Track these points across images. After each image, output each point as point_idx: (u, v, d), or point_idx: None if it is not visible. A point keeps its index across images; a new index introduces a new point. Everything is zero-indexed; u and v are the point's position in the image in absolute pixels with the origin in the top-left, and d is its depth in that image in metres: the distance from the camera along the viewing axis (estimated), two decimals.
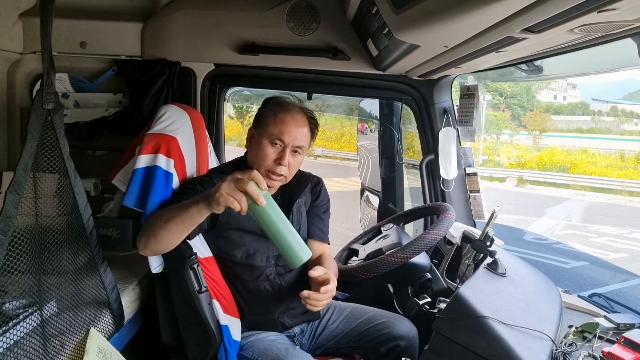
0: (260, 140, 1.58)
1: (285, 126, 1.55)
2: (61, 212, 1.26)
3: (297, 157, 1.60)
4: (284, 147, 1.56)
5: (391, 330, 1.70)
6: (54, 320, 1.21)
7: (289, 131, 1.55)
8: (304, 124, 1.60)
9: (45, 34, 1.13)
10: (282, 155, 1.55)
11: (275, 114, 1.58)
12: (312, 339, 1.75)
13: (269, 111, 1.60)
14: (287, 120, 1.56)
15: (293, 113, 1.59)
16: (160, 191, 1.60)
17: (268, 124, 1.57)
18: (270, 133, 1.56)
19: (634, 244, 9.30)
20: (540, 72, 1.82)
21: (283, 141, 1.55)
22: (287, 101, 1.64)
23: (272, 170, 1.56)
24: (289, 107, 1.61)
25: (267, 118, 1.59)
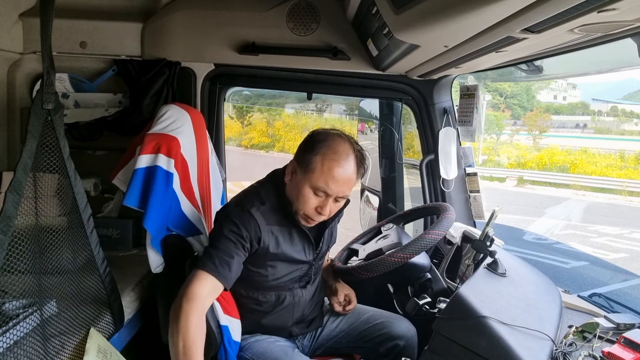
0: (302, 184, 1.46)
1: (332, 178, 1.43)
2: (61, 212, 1.26)
3: (339, 202, 1.51)
4: (327, 197, 1.45)
5: (390, 330, 1.71)
6: (54, 320, 1.21)
7: (335, 182, 1.43)
8: (352, 170, 1.46)
9: (45, 34, 1.13)
10: (324, 205, 1.46)
11: (323, 160, 1.43)
12: (313, 340, 1.76)
13: (316, 155, 1.44)
14: (334, 171, 1.43)
15: (342, 160, 1.44)
16: (161, 191, 1.60)
17: (314, 171, 1.43)
18: (315, 184, 1.43)
19: (634, 244, 9.29)
20: (540, 72, 1.82)
21: (327, 193, 1.45)
22: (335, 141, 1.47)
23: (311, 217, 1.49)
24: (337, 151, 1.45)
25: (313, 163, 1.44)
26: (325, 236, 1.64)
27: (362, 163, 1.51)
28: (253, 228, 1.46)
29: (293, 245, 1.55)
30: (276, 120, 20.10)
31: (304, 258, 1.57)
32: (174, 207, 1.67)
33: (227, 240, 1.44)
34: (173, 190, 1.65)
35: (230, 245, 1.43)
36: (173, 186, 1.64)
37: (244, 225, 1.45)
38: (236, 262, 1.43)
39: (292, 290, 1.61)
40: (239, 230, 1.45)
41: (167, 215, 1.64)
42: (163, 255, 1.62)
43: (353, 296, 1.78)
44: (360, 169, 1.50)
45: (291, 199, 1.51)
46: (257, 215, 1.47)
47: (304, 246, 1.58)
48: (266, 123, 20.06)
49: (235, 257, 1.43)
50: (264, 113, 19.63)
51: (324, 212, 1.46)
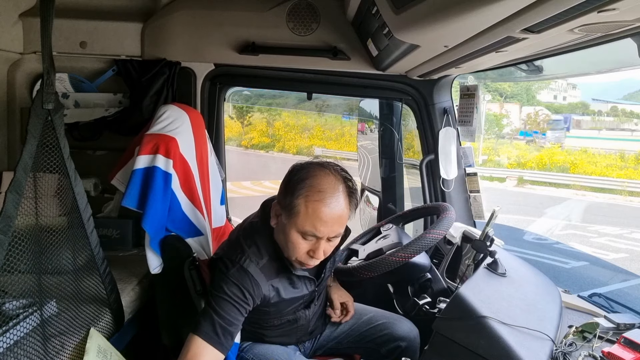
0: (289, 230, 1.34)
1: (319, 221, 1.30)
2: (61, 212, 1.26)
3: (334, 241, 1.39)
4: (318, 239, 1.34)
5: (392, 331, 1.70)
6: (54, 320, 1.21)
7: (324, 224, 1.31)
8: (341, 207, 1.33)
9: (45, 34, 1.13)
10: (316, 248, 1.35)
11: (307, 203, 1.30)
12: (314, 340, 1.75)
13: (297, 198, 1.31)
14: (321, 213, 1.30)
15: (329, 199, 1.30)
16: (160, 192, 1.60)
17: (298, 214, 1.31)
18: (301, 228, 1.32)
19: (634, 244, 9.29)
20: (540, 72, 1.82)
21: (317, 236, 1.33)
22: (317, 176, 1.34)
23: (304, 262, 1.39)
24: (323, 189, 1.31)
25: (296, 206, 1.31)
26: (327, 267, 1.59)
27: (352, 195, 1.37)
28: (254, 288, 1.39)
29: (294, 289, 1.51)
30: (276, 120, 20.10)
31: (305, 292, 1.54)
32: (173, 208, 1.67)
33: (230, 305, 1.35)
34: (172, 191, 1.65)
35: (232, 310, 1.35)
36: (172, 187, 1.64)
37: (246, 288, 1.37)
38: (238, 328, 1.38)
39: (296, 313, 1.58)
40: (241, 294, 1.36)
41: (166, 216, 1.64)
42: (162, 255, 1.62)
43: (350, 303, 1.76)
44: (351, 202, 1.37)
45: (280, 245, 1.41)
46: (255, 274, 1.39)
47: (305, 284, 1.54)
48: (266, 123, 20.07)
49: (237, 323, 1.37)
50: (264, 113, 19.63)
51: (317, 255, 1.36)
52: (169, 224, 1.65)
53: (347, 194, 1.36)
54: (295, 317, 1.58)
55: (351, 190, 1.38)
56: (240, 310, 1.37)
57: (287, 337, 1.62)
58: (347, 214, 1.36)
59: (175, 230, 1.67)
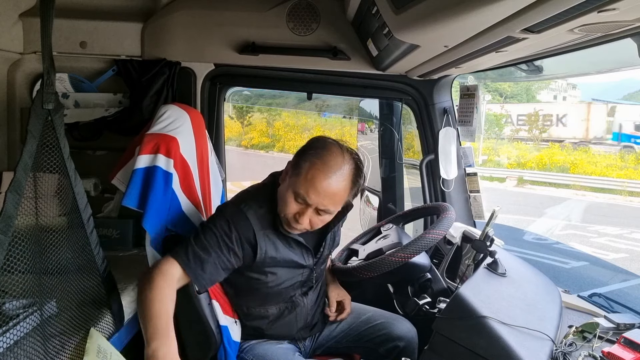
0: (287, 187, 1.42)
1: (312, 187, 1.36)
2: (61, 212, 1.26)
3: (323, 217, 1.43)
4: (307, 206, 1.39)
5: (390, 330, 1.70)
6: (54, 320, 1.20)
7: (316, 192, 1.36)
8: (337, 185, 1.38)
9: (45, 34, 1.13)
10: (302, 213, 1.40)
11: (309, 167, 1.37)
12: (313, 340, 1.76)
13: (304, 161, 1.39)
14: (316, 180, 1.36)
15: (329, 171, 1.37)
16: (160, 191, 1.60)
17: (298, 175, 1.39)
18: (296, 188, 1.38)
19: (634, 244, 9.29)
20: (540, 72, 1.82)
21: (306, 202, 1.38)
22: (328, 150, 1.40)
23: (289, 223, 1.44)
24: (327, 161, 1.38)
25: (300, 168, 1.39)
26: (327, 241, 1.61)
27: (356, 180, 1.42)
28: (246, 231, 1.43)
29: (291, 252, 1.52)
30: (276, 120, 20.10)
31: (303, 262, 1.55)
32: (173, 207, 1.67)
33: (212, 235, 1.40)
34: (173, 190, 1.65)
35: (212, 241, 1.39)
36: (172, 186, 1.64)
37: (236, 226, 1.42)
38: (212, 261, 1.39)
39: (294, 299, 1.59)
40: (229, 230, 1.41)
41: (166, 216, 1.64)
42: (162, 255, 1.61)
43: (347, 302, 1.77)
44: (352, 187, 1.42)
45: (278, 199, 1.46)
46: (252, 218, 1.43)
47: (302, 253, 1.55)
48: (266, 123, 20.07)
49: (213, 255, 1.39)
50: (264, 113, 19.63)
51: (302, 221, 1.40)
52: (170, 223, 1.65)
53: (350, 179, 1.41)
54: (293, 304, 1.59)
55: (355, 177, 1.42)
56: (220, 245, 1.39)
57: (286, 328, 1.62)
58: (342, 195, 1.41)
59: (175, 229, 1.67)
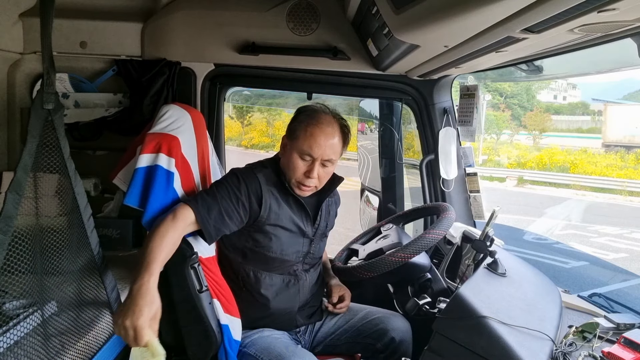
0: (291, 152, 1.59)
1: (314, 141, 1.55)
2: (61, 212, 1.26)
3: (328, 168, 1.62)
4: (313, 160, 1.57)
5: (385, 324, 1.74)
6: (54, 320, 1.21)
7: (318, 145, 1.55)
8: (333, 136, 1.59)
9: (45, 34, 1.13)
10: (311, 169, 1.57)
11: (306, 127, 1.58)
12: (312, 336, 1.77)
13: (299, 123, 1.60)
14: (316, 135, 1.56)
15: (323, 125, 1.58)
16: (162, 190, 1.60)
17: (298, 137, 1.58)
18: (300, 147, 1.57)
19: (634, 244, 9.29)
20: (540, 72, 1.82)
21: (312, 156, 1.56)
22: (318, 112, 1.62)
23: (301, 182, 1.60)
24: (319, 119, 1.59)
25: (297, 131, 1.59)
26: (322, 209, 1.72)
27: (345, 134, 1.63)
28: (254, 184, 1.58)
29: (292, 214, 1.64)
30: (276, 120, 20.11)
31: (302, 226, 1.66)
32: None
33: (222, 186, 1.56)
34: (174, 190, 1.65)
35: (222, 191, 1.54)
36: (174, 185, 1.64)
37: (245, 179, 1.58)
38: (218, 208, 1.52)
39: (297, 273, 1.68)
40: (238, 182, 1.57)
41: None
42: None
43: (347, 295, 1.83)
44: (344, 139, 1.62)
45: (284, 169, 1.62)
46: (260, 176, 1.60)
47: (302, 217, 1.66)
48: (266, 123, 20.08)
49: (220, 201, 1.53)
50: (264, 113, 19.64)
51: (312, 175, 1.57)
52: None
53: (341, 131, 1.62)
54: (296, 276, 1.68)
55: (344, 131, 1.63)
56: (229, 192, 1.55)
57: (289, 302, 1.67)
58: (339, 145, 1.61)
59: None
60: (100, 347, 1.40)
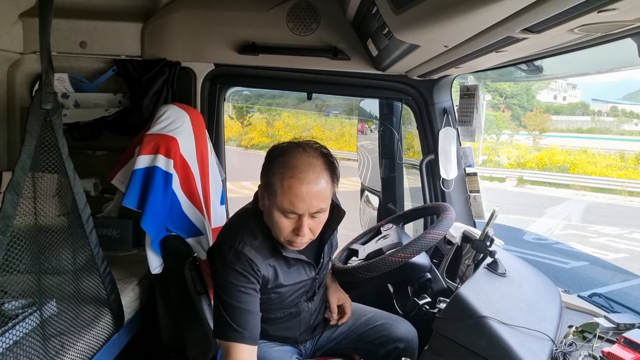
0: (271, 209, 1.36)
1: (295, 196, 1.30)
2: (60, 212, 1.26)
3: (319, 217, 1.38)
4: (300, 216, 1.34)
5: (390, 332, 1.70)
6: (54, 320, 1.21)
7: (301, 200, 1.30)
8: (317, 182, 1.32)
9: (44, 34, 1.13)
10: (299, 226, 1.35)
11: (281, 180, 1.32)
12: (314, 342, 1.75)
13: (273, 175, 1.34)
14: (295, 187, 1.30)
15: (302, 173, 1.31)
16: (160, 192, 1.60)
17: (276, 193, 1.32)
18: (280, 205, 1.32)
19: (634, 244, 9.29)
20: (540, 72, 1.82)
21: (296, 212, 1.33)
22: (292, 152, 1.35)
23: (292, 240, 1.39)
24: (296, 164, 1.32)
25: (274, 185, 1.33)
26: (325, 251, 1.60)
27: (332, 170, 1.37)
28: (254, 269, 1.40)
29: (292, 271, 1.50)
30: (276, 120, 20.11)
31: (305, 278, 1.54)
32: (173, 208, 1.67)
33: (240, 294, 1.37)
34: (173, 191, 1.65)
35: (244, 298, 1.37)
36: (172, 186, 1.64)
37: (248, 271, 1.38)
38: (255, 312, 1.39)
39: (299, 305, 1.58)
40: (247, 279, 1.38)
41: (166, 216, 1.64)
42: (162, 255, 1.62)
43: (347, 305, 1.75)
44: (332, 176, 1.37)
45: (269, 226, 1.41)
46: (252, 254, 1.40)
47: (303, 268, 1.53)
48: (266, 123, 20.09)
49: (254, 308, 1.38)
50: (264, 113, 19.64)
51: (302, 233, 1.35)
52: (170, 223, 1.66)
53: (325, 168, 1.35)
54: (298, 309, 1.57)
55: (330, 165, 1.37)
56: (252, 295, 1.38)
57: (289, 331, 1.61)
58: (326, 189, 1.35)
59: (175, 230, 1.67)
60: (100, 347, 1.40)
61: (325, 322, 1.74)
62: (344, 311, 1.74)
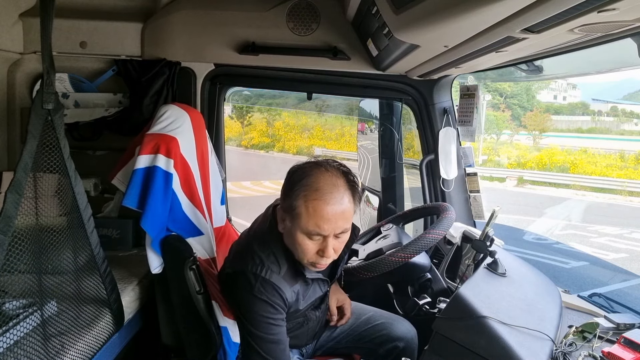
0: (294, 232, 1.33)
1: (320, 218, 1.29)
2: (61, 212, 1.26)
3: (343, 237, 1.37)
4: (325, 238, 1.32)
5: (390, 331, 1.70)
6: (54, 320, 1.21)
7: (326, 221, 1.29)
8: (342, 202, 1.30)
9: (45, 34, 1.13)
10: (324, 247, 1.33)
11: (306, 202, 1.29)
12: (315, 342, 1.75)
13: (297, 198, 1.31)
14: (320, 209, 1.28)
15: (327, 195, 1.29)
16: (160, 192, 1.60)
17: (300, 216, 1.30)
18: (305, 228, 1.30)
19: (634, 244, 9.29)
20: (540, 72, 1.82)
21: (322, 234, 1.31)
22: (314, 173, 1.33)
23: (316, 262, 1.37)
24: (319, 185, 1.30)
25: (297, 207, 1.30)
26: (339, 270, 1.61)
27: (354, 188, 1.36)
28: (283, 298, 1.40)
29: (309, 291, 1.51)
30: (276, 120, 20.11)
31: (320, 294, 1.57)
32: (174, 208, 1.67)
33: (271, 326, 1.38)
34: (173, 191, 1.65)
35: (275, 330, 1.39)
36: (173, 186, 1.64)
37: (276, 302, 1.38)
38: (286, 342, 1.41)
39: (307, 314, 1.58)
40: (275, 310, 1.38)
41: (167, 216, 1.64)
42: (162, 255, 1.62)
43: (347, 305, 1.76)
44: (354, 195, 1.35)
45: (291, 248, 1.40)
46: (279, 283, 1.39)
47: (319, 286, 1.55)
48: (266, 123, 20.08)
49: (284, 337, 1.41)
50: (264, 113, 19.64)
51: (327, 254, 1.34)
52: (170, 223, 1.66)
53: (348, 188, 1.34)
54: (306, 318, 1.58)
55: (352, 184, 1.36)
56: (282, 326, 1.40)
57: (297, 340, 1.61)
58: (350, 208, 1.34)
59: (176, 230, 1.67)
60: (100, 347, 1.40)
61: (325, 323, 1.75)
62: (343, 312, 1.74)
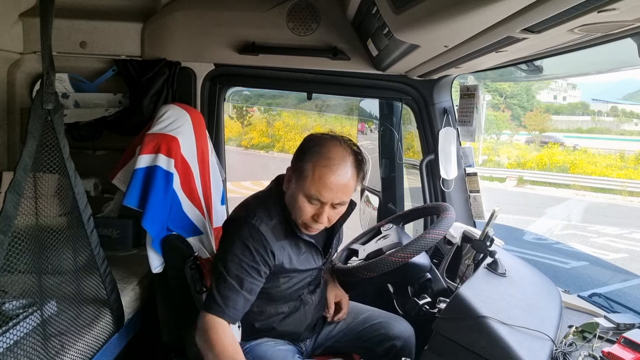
0: (297, 192, 1.40)
1: (323, 185, 1.36)
2: (61, 212, 1.26)
3: (339, 209, 1.44)
4: (322, 204, 1.40)
5: (387, 330, 1.71)
6: (54, 320, 1.21)
7: (328, 189, 1.37)
8: (345, 176, 1.38)
9: (45, 34, 1.13)
10: (320, 213, 1.40)
11: (314, 168, 1.37)
12: (313, 340, 1.76)
13: (307, 162, 1.39)
14: (325, 177, 1.36)
15: (334, 165, 1.37)
16: (161, 191, 1.60)
17: (306, 178, 1.38)
18: (307, 192, 1.38)
19: (634, 244, 9.28)
20: (540, 72, 1.82)
21: (320, 201, 1.38)
22: (328, 144, 1.41)
23: (309, 224, 1.44)
24: (330, 155, 1.38)
25: (305, 171, 1.38)
26: (334, 243, 1.65)
27: (360, 167, 1.43)
28: (265, 248, 1.43)
29: (303, 257, 1.53)
30: (276, 120, 20.10)
31: (314, 266, 1.57)
32: (174, 207, 1.67)
33: (240, 269, 1.40)
34: (173, 190, 1.65)
35: (242, 275, 1.39)
36: (173, 186, 1.64)
37: (256, 247, 1.41)
38: (242, 296, 1.40)
39: (302, 297, 1.60)
40: (253, 257, 1.41)
41: (167, 215, 1.64)
42: (163, 255, 1.62)
43: (344, 301, 1.77)
44: (359, 174, 1.43)
45: (289, 207, 1.47)
46: (266, 232, 1.43)
47: (312, 255, 1.56)
48: (266, 123, 20.06)
49: (246, 289, 1.40)
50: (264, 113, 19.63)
51: (321, 220, 1.41)
52: (170, 223, 1.66)
53: (355, 166, 1.42)
54: (302, 301, 1.60)
55: (359, 163, 1.43)
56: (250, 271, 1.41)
57: (295, 326, 1.62)
58: (352, 185, 1.42)
59: (176, 229, 1.67)
60: (100, 347, 1.40)
61: (324, 319, 1.76)
62: (340, 308, 1.76)
